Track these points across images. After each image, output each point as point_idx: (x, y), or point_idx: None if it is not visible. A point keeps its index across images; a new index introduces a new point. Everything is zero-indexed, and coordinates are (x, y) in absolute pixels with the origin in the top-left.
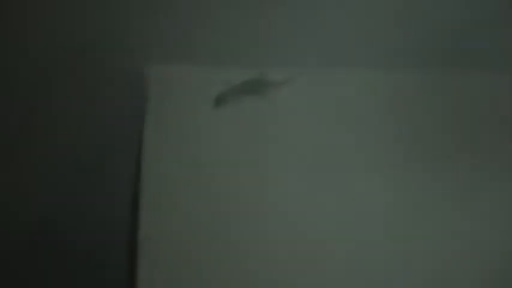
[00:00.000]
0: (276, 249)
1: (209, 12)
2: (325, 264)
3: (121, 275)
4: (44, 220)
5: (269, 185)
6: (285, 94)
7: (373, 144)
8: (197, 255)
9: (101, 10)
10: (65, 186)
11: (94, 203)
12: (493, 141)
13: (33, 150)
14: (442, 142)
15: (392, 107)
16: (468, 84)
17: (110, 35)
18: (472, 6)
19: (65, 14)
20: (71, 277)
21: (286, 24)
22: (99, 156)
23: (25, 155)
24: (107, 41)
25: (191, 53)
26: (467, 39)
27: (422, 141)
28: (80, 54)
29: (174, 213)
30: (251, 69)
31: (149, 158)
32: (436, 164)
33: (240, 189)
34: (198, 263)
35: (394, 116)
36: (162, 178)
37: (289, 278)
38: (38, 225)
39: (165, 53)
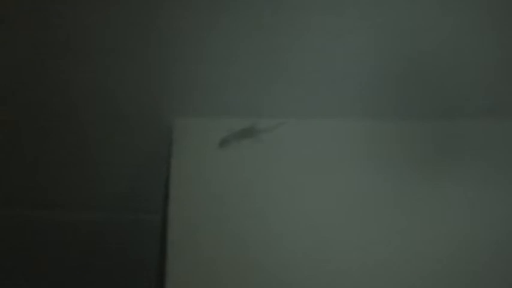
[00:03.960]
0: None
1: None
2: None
3: None
4: None
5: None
6: (274, 138)
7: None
8: None
9: (129, 64)
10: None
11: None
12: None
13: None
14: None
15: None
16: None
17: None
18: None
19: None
20: None
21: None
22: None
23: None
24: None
25: (204, 105)
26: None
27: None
28: (112, 106)
29: (201, 252)
30: (248, 118)
31: (175, 203)
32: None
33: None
34: None
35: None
36: (188, 218)
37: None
38: None
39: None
